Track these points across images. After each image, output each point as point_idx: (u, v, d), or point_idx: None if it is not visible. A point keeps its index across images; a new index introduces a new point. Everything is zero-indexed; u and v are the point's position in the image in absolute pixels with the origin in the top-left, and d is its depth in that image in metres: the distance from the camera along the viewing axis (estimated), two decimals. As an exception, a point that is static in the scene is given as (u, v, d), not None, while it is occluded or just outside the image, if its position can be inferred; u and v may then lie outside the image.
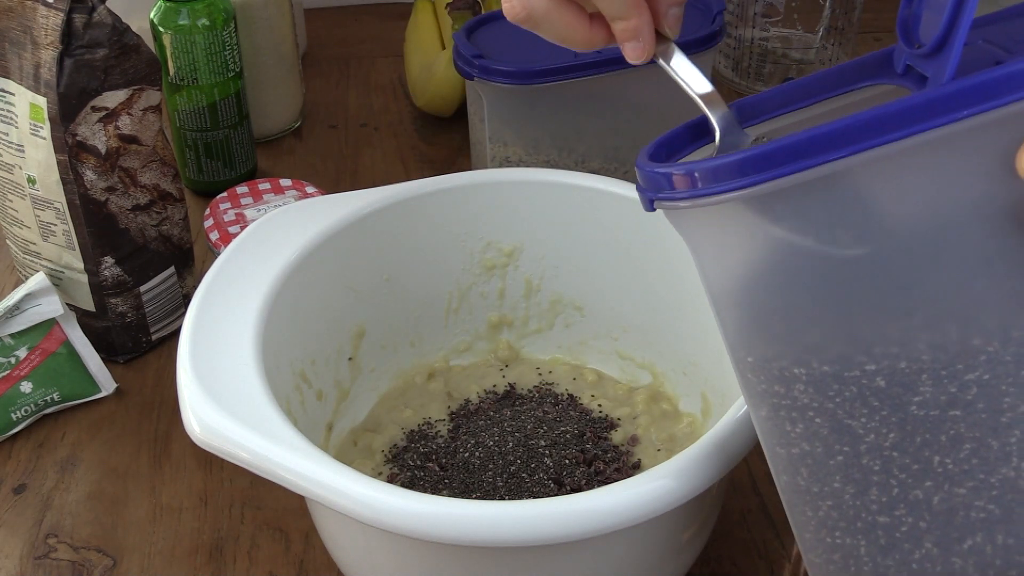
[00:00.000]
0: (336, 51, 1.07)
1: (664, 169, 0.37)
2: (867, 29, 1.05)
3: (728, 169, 0.35)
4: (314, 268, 0.58)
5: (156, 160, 0.68)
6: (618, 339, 0.66)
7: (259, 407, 0.48)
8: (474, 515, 0.43)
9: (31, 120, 0.65)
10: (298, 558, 0.59)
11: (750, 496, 0.61)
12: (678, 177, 0.37)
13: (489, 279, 0.66)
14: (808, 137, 0.33)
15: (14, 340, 0.66)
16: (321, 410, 0.60)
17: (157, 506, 0.62)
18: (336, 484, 0.44)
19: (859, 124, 0.32)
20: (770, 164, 0.34)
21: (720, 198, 0.35)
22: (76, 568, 0.58)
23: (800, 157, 0.33)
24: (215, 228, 0.72)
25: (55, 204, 0.66)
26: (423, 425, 0.63)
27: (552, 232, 0.64)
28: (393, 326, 0.65)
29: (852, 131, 0.32)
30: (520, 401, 0.64)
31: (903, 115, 0.32)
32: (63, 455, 0.65)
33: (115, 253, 0.68)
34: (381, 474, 0.59)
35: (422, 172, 0.89)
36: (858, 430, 0.38)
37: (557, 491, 0.57)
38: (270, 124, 0.92)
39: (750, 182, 0.34)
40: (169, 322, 0.73)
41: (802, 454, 0.40)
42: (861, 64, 0.41)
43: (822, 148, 0.33)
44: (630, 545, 0.48)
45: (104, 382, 0.68)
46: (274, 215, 0.60)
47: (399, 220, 0.62)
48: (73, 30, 0.63)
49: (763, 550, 0.59)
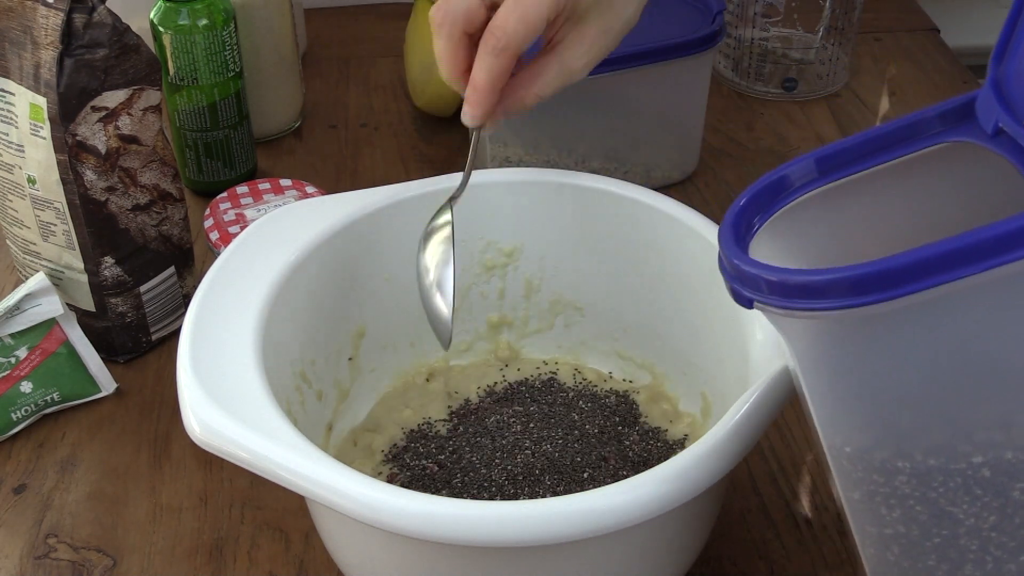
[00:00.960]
0: (336, 51, 1.07)
1: (766, 275, 0.35)
2: (867, 29, 1.05)
3: (838, 285, 0.33)
4: (314, 268, 0.58)
5: (156, 160, 0.68)
6: (618, 339, 0.66)
7: (259, 407, 0.48)
8: (474, 515, 0.43)
9: (31, 120, 0.65)
10: (298, 558, 0.59)
11: (750, 496, 0.61)
12: (777, 286, 0.35)
13: (489, 279, 0.66)
14: (921, 258, 0.32)
15: (14, 340, 0.66)
16: (321, 410, 0.60)
17: (157, 506, 0.62)
18: (336, 484, 0.44)
19: (981, 242, 0.31)
20: (885, 284, 0.32)
21: (826, 314, 0.34)
22: (76, 568, 0.58)
23: (914, 279, 0.32)
24: (215, 228, 0.72)
25: (55, 204, 0.66)
26: (423, 425, 0.63)
27: (552, 232, 0.64)
28: (393, 326, 0.65)
29: (973, 250, 0.31)
30: (520, 400, 0.64)
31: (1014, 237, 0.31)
32: (63, 455, 0.65)
33: (115, 253, 0.68)
34: (381, 474, 0.59)
35: (422, 172, 0.88)
36: (959, 515, 0.37)
37: (558, 490, 0.56)
38: (270, 124, 0.92)
39: (862, 302, 0.33)
40: (169, 322, 0.73)
41: (896, 535, 0.39)
42: (942, 114, 0.39)
43: (936, 269, 0.32)
44: (630, 545, 0.48)
45: (104, 382, 0.68)
46: (274, 215, 0.60)
47: (399, 220, 0.62)
48: (73, 30, 0.63)
49: (763, 550, 0.59)
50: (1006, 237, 0.31)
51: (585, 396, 0.64)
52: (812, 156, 0.41)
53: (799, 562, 0.58)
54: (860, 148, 0.40)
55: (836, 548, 0.58)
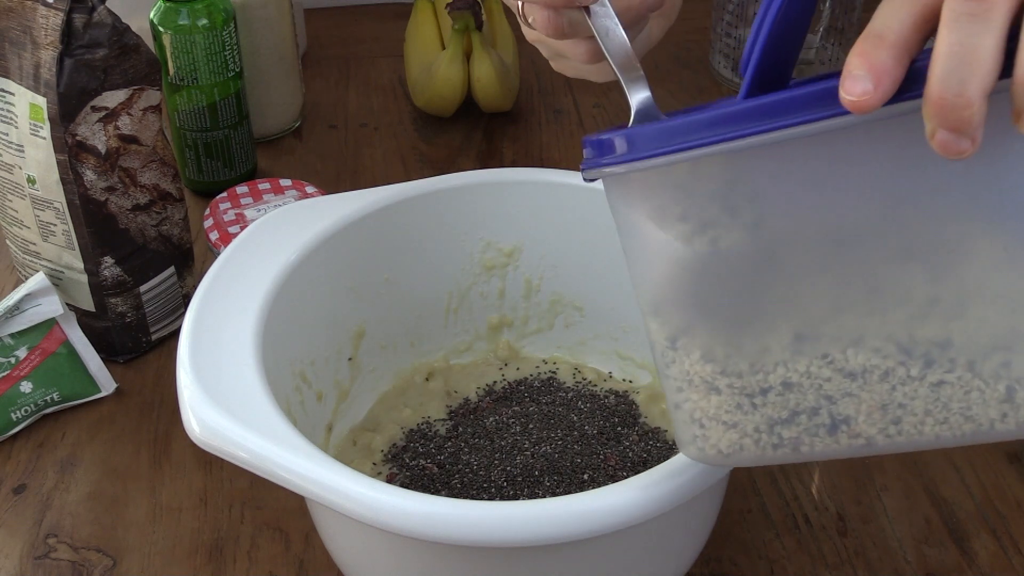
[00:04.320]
0: (336, 51, 1.07)
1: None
2: (867, 29, 1.05)
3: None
4: (314, 268, 0.58)
5: (156, 160, 0.68)
6: (618, 339, 0.66)
7: (259, 407, 0.48)
8: (473, 515, 0.43)
9: (31, 120, 0.65)
10: (298, 558, 0.59)
11: (750, 496, 0.61)
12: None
13: (489, 279, 0.66)
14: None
15: (14, 340, 0.66)
16: (321, 410, 0.60)
17: (157, 506, 0.62)
18: (336, 484, 0.44)
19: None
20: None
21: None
22: (76, 568, 0.58)
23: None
24: (215, 228, 0.72)
25: (55, 204, 0.66)
26: (422, 424, 0.63)
27: (552, 232, 0.64)
28: (393, 326, 0.65)
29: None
30: (519, 400, 0.64)
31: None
32: (63, 455, 0.65)
33: (115, 253, 0.68)
34: (380, 474, 0.59)
35: (422, 172, 0.88)
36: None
37: (557, 491, 0.56)
38: (270, 124, 0.92)
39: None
40: (169, 322, 0.73)
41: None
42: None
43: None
44: (630, 545, 0.48)
45: (104, 382, 0.68)
46: (274, 215, 0.60)
47: (399, 220, 0.62)
48: (73, 30, 0.63)
49: (763, 550, 0.59)
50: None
51: (585, 396, 0.64)
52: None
53: (799, 562, 0.58)
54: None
55: (836, 548, 0.59)
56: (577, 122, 0.95)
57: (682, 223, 0.39)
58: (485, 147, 0.92)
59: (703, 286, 0.40)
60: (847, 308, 0.39)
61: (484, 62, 0.91)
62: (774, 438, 0.41)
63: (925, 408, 0.39)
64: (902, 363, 0.39)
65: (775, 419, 0.41)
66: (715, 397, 0.41)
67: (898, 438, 0.40)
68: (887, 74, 0.33)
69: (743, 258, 0.39)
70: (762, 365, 0.40)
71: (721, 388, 0.41)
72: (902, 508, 0.61)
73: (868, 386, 0.39)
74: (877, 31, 0.34)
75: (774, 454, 0.41)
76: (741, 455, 0.42)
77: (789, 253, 0.38)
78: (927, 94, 0.33)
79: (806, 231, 0.38)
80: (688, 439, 0.43)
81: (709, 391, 0.41)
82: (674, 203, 0.39)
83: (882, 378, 0.39)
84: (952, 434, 0.39)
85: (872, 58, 0.33)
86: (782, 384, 0.40)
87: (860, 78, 0.33)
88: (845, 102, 0.34)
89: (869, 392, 0.39)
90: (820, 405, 0.40)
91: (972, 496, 0.61)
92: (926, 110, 0.33)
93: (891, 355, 0.39)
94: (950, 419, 0.39)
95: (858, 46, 0.34)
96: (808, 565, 0.58)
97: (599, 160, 0.40)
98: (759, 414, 0.41)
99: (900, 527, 0.60)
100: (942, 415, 0.39)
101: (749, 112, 0.36)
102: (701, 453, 0.43)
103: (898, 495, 0.61)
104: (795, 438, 0.41)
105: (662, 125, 0.38)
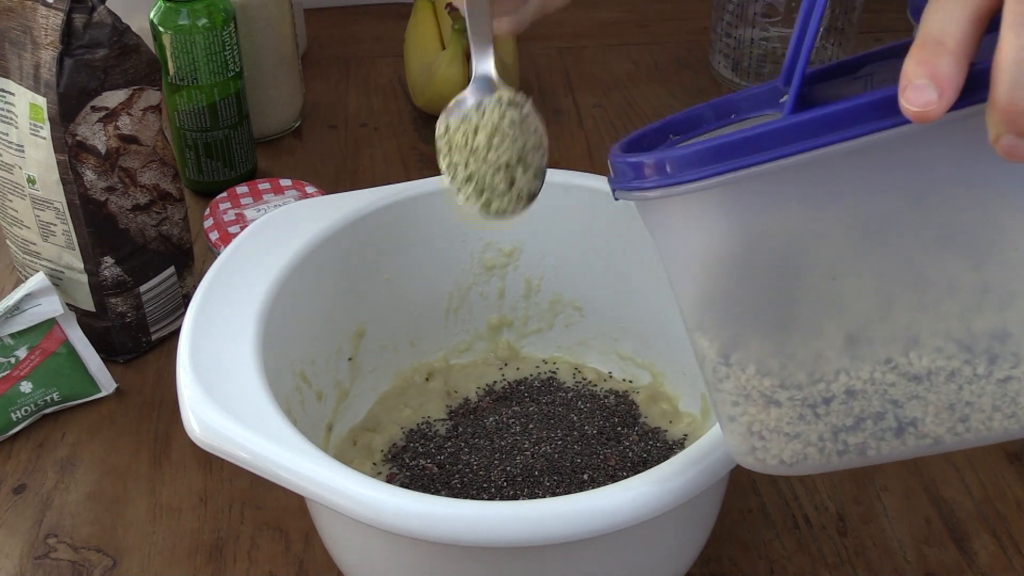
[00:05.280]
0: (336, 51, 1.07)
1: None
2: (867, 29, 1.05)
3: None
4: (314, 268, 0.58)
5: (156, 160, 0.68)
6: (618, 339, 0.66)
7: (259, 407, 0.48)
8: (473, 515, 0.43)
9: (31, 120, 0.65)
10: (298, 558, 0.59)
11: (750, 496, 0.61)
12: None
13: (489, 279, 0.66)
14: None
15: (14, 340, 0.66)
16: (321, 410, 0.60)
17: (157, 506, 0.62)
18: (336, 484, 0.44)
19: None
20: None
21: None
22: (76, 568, 0.58)
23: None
24: (215, 228, 0.72)
25: (55, 204, 0.66)
26: (422, 424, 0.63)
27: (552, 232, 0.64)
28: (393, 326, 0.65)
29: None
30: (519, 400, 0.64)
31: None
32: (63, 455, 0.65)
33: (115, 253, 0.68)
34: (380, 474, 0.59)
35: (422, 172, 0.88)
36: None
37: (557, 492, 0.56)
38: (270, 124, 0.92)
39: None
40: (169, 322, 0.73)
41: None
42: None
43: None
44: (630, 545, 0.48)
45: (104, 382, 0.68)
46: (274, 215, 0.60)
47: (399, 220, 0.62)
48: (73, 30, 0.63)
49: (763, 550, 0.59)
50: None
51: (585, 396, 0.64)
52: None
53: (799, 562, 0.58)
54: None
55: (836, 548, 0.59)
56: (577, 122, 0.95)
57: (720, 236, 0.38)
58: (485, 147, 0.92)
59: (744, 294, 0.39)
60: (894, 304, 0.38)
61: (484, 62, 0.91)
62: (839, 445, 0.41)
63: (993, 404, 0.39)
64: (967, 362, 0.38)
65: (839, 427, 0.40)
66: (775, 410, 0.41)
67: (966, 435, 0.39)
68: (950, 82, 0.33)
69: (782, 261, 0.38)
70: (822, 374, 0.40)
71: (781, 401, 0.40)
72: (902, 508, 0.61)
73: (935, 388, 0.39)
74: (936, 37, 0.33)
75: (839, 460, 0.41)
76: (805, 464, 0.41)
77: (824, 252, 0.38)
78: (994, 101, 0.32)
79: (837, 228, 0.38)
80: (746, 450, 0.42)
81: (768, 404, 0.40)
82: (713, 219, 0.38)
83: (948, 379, 0.39)
84: (1020, 426, 0.39)
85: (934, 67, 0.33)
86: (846, 392, 0.40)
87: (923, 88, 0.33)
88: (908, 112, 0.33)
89: (936, 393, 0.39)
90: (886, 410, 0.40)
91: (972, 496, 0.61)
92: (992, 117, 0.33)
93: (954, 355, 0.38)
94: (1018, 412, 0.39)
95: (917, 53, 0.33)
96: (808, 565, 0.58)
97: (631, 184, 0.39)
98: (823, 423, 0.40)
99: (900, 527, 0.60)
100: (1010, 409, 0.39)
101: (797, 128, 0.35)
102: (762, 464, 0.42)
103: (898, 495, 0.61)
104: (861, 443, 0.40)
105: (701, 147, 0.37)
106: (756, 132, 0.36)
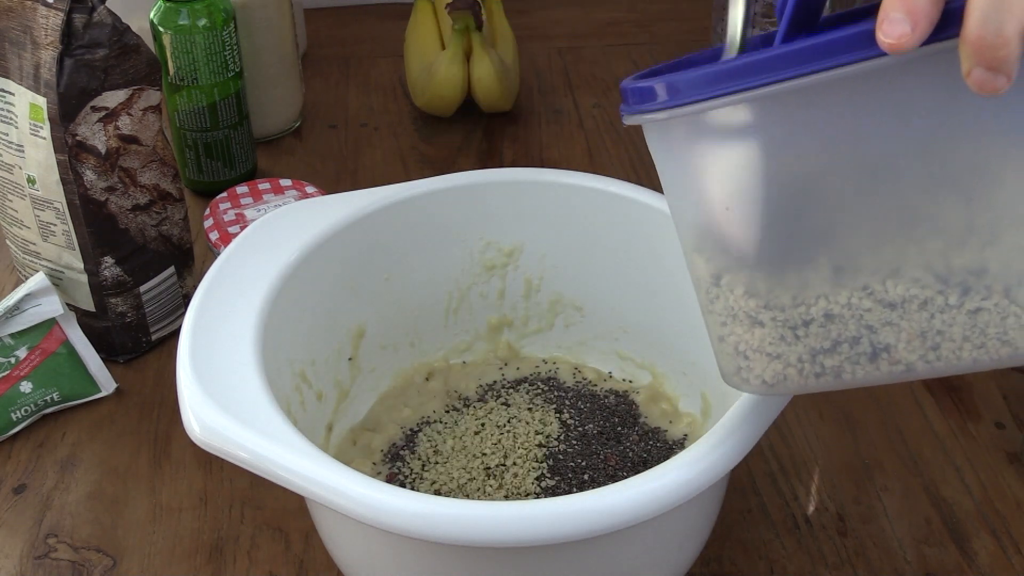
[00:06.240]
0: (336, 51, 1.07)
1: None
2: None
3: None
4: (314, 268, 0.58)
5: (156, 160, 0.68)
6: (618, 339, 0.66)
7: (259, 407, 0.48)
8: (474, 515, 0.43)
9: (31, 120, 0.65)
10: (298, 558, 0.59)
11: (750, 496, 0.61)
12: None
13: (489, 279, 0.66)
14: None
15: (14, 340, 0.66)
16: (321, 410, 0.60)
17: (157, 506, 0.62)
18: (336, 484, 0.44)
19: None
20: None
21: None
22: (76, 568, 0.58)
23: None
24: (215, 228, 0.72)
25: (55, 204, 0.66)
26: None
27: (552, 232, 0.64)
28: (393, 326, 0.65)
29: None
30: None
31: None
32: (63, 455, 0.65)
33: (115, 253, 0.68)
34: (380, 474, 0.59)
35: (422, 172, 0.88)
36: None
37: (557, 492, 0.57)
38: (270, 124, 0.92)
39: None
40: (169, 322, 0.73)
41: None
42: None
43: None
44: (630, 545, 0.48)
45: (104, 382, 0.68)
46: (274, 215, 0.60)
47: (399, 220, 0.62)
48: (73, 30, 0.63)
49: (763, 550, 0.59)
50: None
51: (585, 396, 0.64)
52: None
53: (799, 562, 0.58)
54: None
55: (836, 548, 0.59)
56: (577, 122, 0.95)
57: (722, 160, 0.40)
58: (485, 147, 0.92)
59: (744, 221, 0.41)
60: (885, 240, 0.40)
61: (484, 62, 0.91)
62: (817, 367, 0.43)
63: (963, 334, 0.40)
64: (940, 292, 0.40)
65: (817, 349, 0.42)
66: (759, 330, 0.43)
67: (937, 363, 0.41)
68: (925, 16, 0.35)
69: (782, 192, 0.40)
70: (804, 298, 0.41)
71: (764, 321, 0.42)
72: (902, 508, 0.61)
73: (907, 315, 0.41)
74: None
75: (817, 382, 0.43)
76: (785, 384, 0.43)
77: (826, 187, 0.40)
78: (965, 35, 0.34)
79: (842, 165, 0.39)
80: (732, 370, 0.45)
81: (753, 324, 0.43)
82: (714, 143, 0.40)
83: (921, 307, 0.40)
84: (989, 358, 0.40)
85: (911, 2, 0.35)
86: (824, 316, 0.41)
87: (898, 21, 0.35)
88: (883, 44, 0.35)
89: (908, 321, 0.41)
90: (861, 334, 0.41)
91: (972, 496, 0.61)
92: (963, 49, 0.34)
93: (929, 285, 0.40)
94: (987, 344, 0.40)
95: None
96: (808, 565, 0.58)
97: (639, 107, 0.41)
98: (802, 345, 0.42)
99: (900, 527, 0.60)
100: (979, 340, 0.40)
101: (788, 56, 0.37)
102: (746, 384, 0.45)
103: (898, 495, 0.61)
104: (837, 366, 0.42)
105: (703, 72, 0.39)
106: (751, 59, 0.38)
